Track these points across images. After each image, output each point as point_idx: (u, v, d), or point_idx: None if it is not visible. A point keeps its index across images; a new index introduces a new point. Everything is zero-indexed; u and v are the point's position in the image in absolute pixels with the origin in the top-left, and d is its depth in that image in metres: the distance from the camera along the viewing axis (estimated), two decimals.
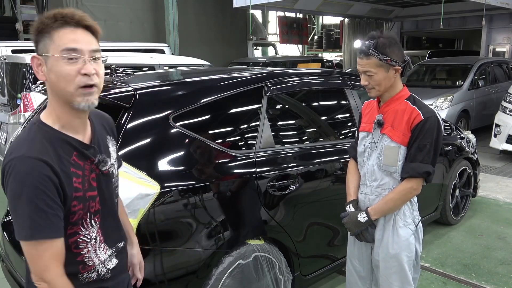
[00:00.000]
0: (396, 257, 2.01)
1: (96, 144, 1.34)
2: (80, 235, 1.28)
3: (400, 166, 1.98)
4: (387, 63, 1.91)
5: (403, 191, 1.96)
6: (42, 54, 1.20)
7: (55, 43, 1.19)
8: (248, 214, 2.34)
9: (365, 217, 2.02)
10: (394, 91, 2.00)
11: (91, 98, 1.23)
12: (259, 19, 17.45)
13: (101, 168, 1.33)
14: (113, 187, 1.42)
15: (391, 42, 1.92)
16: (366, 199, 2.10)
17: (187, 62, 6.69)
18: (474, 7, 11.24)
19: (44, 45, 1.20)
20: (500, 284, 3.25)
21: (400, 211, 2.02)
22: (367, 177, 2.09)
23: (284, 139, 2.80)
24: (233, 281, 2.24)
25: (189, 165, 2.15)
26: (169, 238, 2.05)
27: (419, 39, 19.88)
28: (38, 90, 4.46)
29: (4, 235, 2.53)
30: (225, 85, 2.49)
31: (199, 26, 12.61)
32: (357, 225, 2.05)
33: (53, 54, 1.18)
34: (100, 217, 1.33)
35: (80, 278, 1.31)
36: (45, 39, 1.19)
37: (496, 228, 4.28)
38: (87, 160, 1.29)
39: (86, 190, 1.27)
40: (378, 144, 2.03)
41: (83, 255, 1.30)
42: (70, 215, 1.24)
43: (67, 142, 1.24)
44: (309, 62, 13.28)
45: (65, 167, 1.21)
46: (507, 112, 6.71)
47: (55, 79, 1.20)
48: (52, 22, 1.19)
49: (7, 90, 5.45)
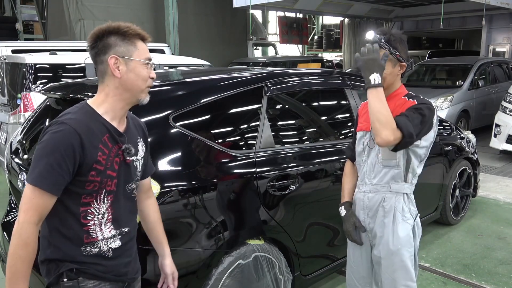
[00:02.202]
0: (397, 253, 2.01)
1: (128, 135, 1.54)
2: (91, 207, 1.45)
3: (399, 160, 1.98)
4: (396, 58, 1.94)
5: (384, 115, 1.81)
6: (125, 57, 1.46)
7: (139, 51, 1.49)
8: (248, 214, 2.34)
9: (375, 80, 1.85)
10: (393, 88, 2.02)
11: (148, 95, 1.56)
12: (259, 19, 17.45)
13: (125, 156, 1.51)
14: (132, 178, 1.57)
15: (402, 39, 1.99)
16: (365, 197, 2.10)
17: (187, 62, 6.69)
18: (474, 7, 11.24)
19: (128, 50, 1.47)
20: (500, 284, 3.25)
21: (399, 206, 2.03)
22: (367, 175, 2.09)
23: (284, 139, 2.80)
24: (233, 281, 2.25)
25: (189, 165, 2.15)
26: (169, 238, 2.04)
27: (419, 39, 19.88)
28: (38, 90, 4.46)
29: (4, 235, 2.53)
30: (225, 85, 2.49)
31: (199, 26, 12.61)
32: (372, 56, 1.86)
33: (138, 59, 1.49)
34: (113, 198, 1.49)
35: (82, 250, 1.46)
36: (129, 46, 1.48)
37: (496, 228, 4.28)
38: (116, 144, 1.48)
39: (108, 168, 1.45)
40: None
41: (89, 227, 1.46)
42: (87, 183, 1.42)
43: (103, 125, 1.46)
44: (309, 62, 13.28)
45: (95, 141, 1.42)
46: (507, 112, 6.71)
47: (134, 78, 1.48)
48: (135, 35, 1.49)
49: (7, 90, 5.45)
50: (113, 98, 1.49)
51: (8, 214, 2.77)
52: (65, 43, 7.89)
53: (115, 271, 1.52)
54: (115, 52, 1.46)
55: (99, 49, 1.47)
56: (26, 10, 14.19)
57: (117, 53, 1.46)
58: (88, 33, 7.22)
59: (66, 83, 3.04)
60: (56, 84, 2.90)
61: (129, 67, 1.48)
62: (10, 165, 2.76)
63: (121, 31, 1.48)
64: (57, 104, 2.65)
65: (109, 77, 1.48)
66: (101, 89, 1.51)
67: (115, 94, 1.49)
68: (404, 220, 2.02)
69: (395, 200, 2.03)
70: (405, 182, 2.03)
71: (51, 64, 5.25)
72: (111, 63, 1.45)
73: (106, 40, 1.47)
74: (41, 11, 12.09)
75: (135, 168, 1.58)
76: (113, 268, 1.51)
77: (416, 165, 2.03)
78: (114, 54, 1.46)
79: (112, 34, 1.47)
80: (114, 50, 1.46)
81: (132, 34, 1.49)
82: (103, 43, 1.47)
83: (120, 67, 1.47)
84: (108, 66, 1.46)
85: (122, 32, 1.48)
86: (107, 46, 1.46)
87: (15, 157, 2.71)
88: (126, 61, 1.47)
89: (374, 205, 2.07)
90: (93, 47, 1.49)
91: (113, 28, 1.48)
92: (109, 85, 1.48)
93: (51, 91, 2.64)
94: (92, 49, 1.50)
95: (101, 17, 10.66)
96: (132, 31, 1.49)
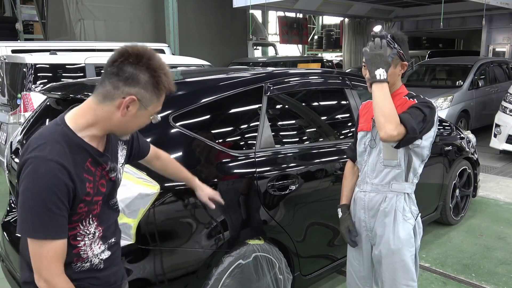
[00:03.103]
0: (398, 253, 2.01)
1: (109, 152, 1.41)
2: (78, 230, 1.35)
3: (400, 159, 1.98)
4: (398, 56, 1.95)
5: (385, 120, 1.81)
6: (143, 105, 1.29)
7: (157, 105, 1.34)
8: (248, 214, 2.34)
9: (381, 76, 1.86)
10: (394, 88, 2.02)
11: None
12: (259, 19, 17.45)
13: (110, 175, 1.41)
14: (116, 192, 1.51)
15: (404, 39, 2.00)
16: (366, 196, 2.10)
17: (187, 62, 6.69)
18: (474, 7, 11.24)
19: (150, 100, 1.30)
20: (500, 284, 3.25)
21: (400, 206, 2.03)
22: (368, 175, 2.09)
23: (284, 139, 2.80)
24: (233, 281, 2.25)
25: (189, 165, 2.15)
26: (169, 238, 2.05)
27: (419, 39, 19.87)
28: (38, 90, 4.46)
29: (4, 235, 2.53)
30: (225, 85, 2.49)
31: (199, 26, 12.61)
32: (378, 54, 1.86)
33: (151, 112, 1.34)
34: (98, 217, 1.40)
35: (74, 267, 1.37)
36: (154, 96, 1.31)
37: (496, 228, 4.28)
38: (99, 166, 1.36)
39: (95, 194, 1.34)
40: (378, 141, 2.04)
41: (79, 248, 1.36)
42: (74, 214, 1.30)
43: (84, 149, 1.30)
44: (309, 62, 13.28)
45: (80, 172, 1.28)
46: (507, 112, 6.71)
47: (134, 124, 1.35)
48: (166, 90, 1.33)
49: (7, 90, 5.44)
50: (101, 124, 1.31)
51: (8, 214, 2.77)
52: (65, 43, 7.89)
53: (106, 282, 1.47)
54: (138, 93, 1.27)
55: (125, 75, 1.25)
56: (26, 10, 14.20)
57: (139, 95, 1.27)
58: (88, 33, 7.29)
59: (66, 83, 3.04)
60: (56, 84, 2.91)
61: (138, 114, 1.30)
62: (10, 165, 2.76)
63: (157, 77, 1.28)
64: (57, 104, 2.65)
65: (111, 106, 1.28)
66: (92, 109, 1.30)
67: (104, 121, 1.30)
68: (405, 220, 2.02)
69: (396, 199, 2.03)
70: (406, 181, 2.03)
71: (51, 64, 5.25)
72: (126, 100, 1.26)
73: (138, 73, 1.26)
74: (41, 11, 12.09)
75: (118, 180, 1.48)
76: (105, 279, 1.46)
77: (417, 165, 2.03)
78: (136, 95, 1.27)
79: (148, 70, 1.27)
80: (138, 90, 1.27)
81: (165, 86, 1.32)
82: (133, 74, 1.25)
83: (130, 108, 1.28)
84: (119, 99, 1.26)
85: (158, 79, 1.28)
86: (135, 80, 1.26)
87: (15, 157, 2.71)
88: (140, 107, 1.29)
89: (375, 205, 2.07)
90: (120, 65, 1.25)
91: (153, 66, 1.27)
92: (106, 112, 1.29)
93: (51, 91, 2.64)
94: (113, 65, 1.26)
95: (101, 17, 10.67)
96: (168, 85, 1.32)
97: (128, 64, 1.25)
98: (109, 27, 10.83)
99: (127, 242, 1.88)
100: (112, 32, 10.75)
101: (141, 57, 1.26)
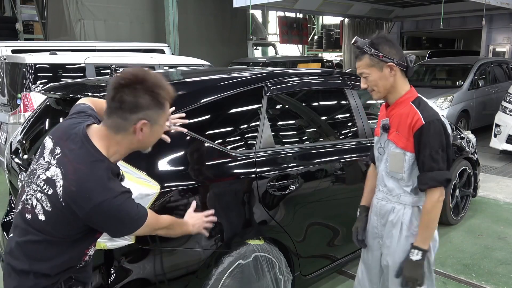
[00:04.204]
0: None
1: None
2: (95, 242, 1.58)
3: (406, 174, 1.93)
4: (378, 59, 1.88)
5: (432, 206, 1.87)
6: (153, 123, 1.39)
7: (166, 114, 1.44)
8: (248, 214, 2.34)
9: (418, 253, 1.88)
10: (398, 93, 1.95)
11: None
12: (259, 19, 17.44)
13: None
14: None
15: (382, 40, 1.91)
16: (378, 204, 2.08)
17: (187, 62, 6.69)
18: (474, 7, 11.23)
19: (158, 115, 1.40)
20: (500, 284, 3.25)
21: (406, 219, 1.97)
22: (380, 182, 2.07)
23: (284, 139, 2.80)
24: (233, 281, 2.24)
25: (189, 165, 2.15)
26: (169, 238, 2.04)
27: (419, 39, 19.88)
28: (38, 90, 4.46)
29: (4, 235, 2.53)
30: (225, 85, 2.49)
31: (199, 26, 12.61)
32: (417, 267, 1.88)
33: (163, 124, 1.46)
34: None
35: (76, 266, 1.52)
36: (159, 110, 1.39)
37: (496, 228, 4.28)
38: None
39: None
40: (385, 150, 2.00)
41: (87, 254, 1.55)
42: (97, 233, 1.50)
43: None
44: (309, 62, 13.27)
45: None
46: (507, 112, 6.70)
47: (152, 137, 1.46)
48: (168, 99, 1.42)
49: (7, 90, 5.44)
50: (125, 149, 1.45)
51: (8, 214, 2.77)
52: (65, 43, 7.88)
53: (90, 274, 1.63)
54: (145, 115, 1.36)
55: (128, 106, 1.34)
56: (26, 10, 14.19)
57: (147, 117, 1.36)
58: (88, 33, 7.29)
59: (66, 83, 3.04)
60: (56, 84, 2.91)
61: (153, 130, 1.42)
62: (10, 165, 2.76)
63: (156, 95, 1.36)
64: (57, 104, 2.65)
65: (127, 135, 1.39)
66: (111, 138, 1.41)
67: (128, 148, 1.45)
68: (411, 234, 1.96)
69: (403, 212, 1.98)
70: (416, 195, 1.96)
71: (51, 64, 5.25)
72: (138, 126, 1.37)
73: (138, 99, 1.33)
74: (41, 11, 12.08)
75: None
76: (89, 271, 1.63)
77: None
78: (144, 118, 1.36)
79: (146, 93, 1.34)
80: (145, 113, 1.36)
81: (166, 99, 1.41)
82: (134, 102, 1.33)
83: (144, 129, 1.39)
84: (131, 127, 1.37)
85: (157, 97, 1.37)
86: (138, 107, 1.34)
87: (15, 157, 2.71)
88: (152, 124, 1.40)
89: (385, 214, 2.05)
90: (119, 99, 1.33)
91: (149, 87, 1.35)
92: (123, 138, 1.41)
93: (51, 91, 2.64)
94: (114, 100, 1.34)
95: (101, 17, 10.66)
96: (168, 96, 1.41)
97: (126, 95, 1.33)
98: (109, 27, 10.82)
99: (127, 242, 1.88)
100: (112, 32, 10.74)
101: (134, 83, 1.33)
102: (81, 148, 1.39)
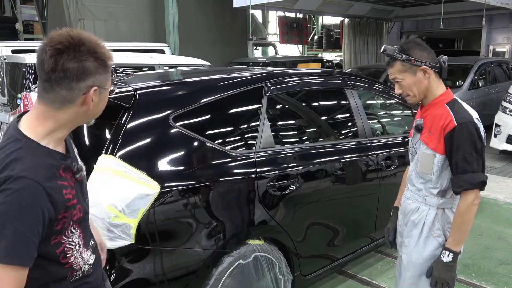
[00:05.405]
0: (415, 267, 1.97)
1: (71, 152, 1.35)
2: (64, 244, 1.27)
3: (435, 175, 1.91)
4: (411, 64, 1.88)
5: (466, 209, 1.84)
6: (103, 87, 1.25)
7: (109, 78, 1.28)
8: (248, 214, 2.34)
9: (449, 255, 1.86)
10: (432, 95, 1.94)
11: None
12: (259, 19, 17.44)
13: (77, 176, 1.33)
14: (85, 191, 1.42)
15: (412, 44, 1.92)
16: (405, 202, 2.09)
17: (187, 62, 6.69)
18: (474, 7, 11.23)
19: (106, 79, 1.25)
20: (500, 284, 3.25)
21: (429, 220, 1.95)
22: (409, 181, 2.09)
23: (284, 139, 2.80)
24: (233, 281, 2.25)
25: (189, 165, 2.15)
26: (169, 238, 2.05)
27: None
28: None
29: None
30: (225, 85, 2.49)
31: (199, 26, 12.60)
32: (447, 269, 1.86)
33: (108, 88, 1.29)
34: (79, 224, 1.33)
35: (69, 279, 1.33)
36: (107, 74, 1.25)
37: (496, 228, 4.28)
38: (68, 170, 1.28)
39: (73, 198, 1.28)
40: (417, 150, 2.00)
41: (71, 263, 1.31)
42: (55, 222, 1.21)
43: (53, 157, 1.22)
44: (309, 62, 13.27)
45: (55, 183, 1.20)
46: (507, 112, 6.71)
47: (100, 106, 1.29)
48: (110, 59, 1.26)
49: (7, 90, 5.44)
50: (66, 126, 1.25)
51: None
52: None
53: (95, 285, 1.45)
54: (95, 81, 1.21)
55: (74, 73, 1.16)
56: (26, 10, 14.19)
57: (97, 82, 1.22)
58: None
59: None
60: None
61: (101, 97, 1.26)
62: None
63: (100, 56, 1.21)
64: None
65: (73, 106, 1.21)
66: (50, 116, 1.21)
67: (70, 122, 1.25)
68: (431, 236, 1.95)
69: (427, 213, 1.97)
70: (443, 197, 1.95)
71: None
72: (89, 94, 1.21)
73: (84, 63, 1.18)
74: (41, 11, 12.08)
75: (85, 180, 1.42)
76: (95, 282, 1.44)
77: None
78: (94, 84, 1.21)
79: (90, 55, 1.19)
80: (94, 78, 1.21)
81: (109, 58, 1.25)
82: (81, 68, 1.17)
83: (94, 98, 1.23)
84: (80, 97, 1.20)
85: (101, 57, 1.21)
86: (86, 72, 1.18)
87: None
88: (101, 91, 1.25)
89: (408, 213, 2.05)
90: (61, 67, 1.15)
91: (91, 48, 1.19)
92: (68, 113, 1.22)
93: None
94: (55, 71, 1.15)
95: (101, 17, 10.66)
96: (110, 56, 1.25)
97: (68, 61, 1.16)
98: (109, 27, 10.82)
99: (127, 242, 1.87)
100: (112, 32, 10.74)
101: (74, 46, 1.17)
102: (5, 136, 1.23)
